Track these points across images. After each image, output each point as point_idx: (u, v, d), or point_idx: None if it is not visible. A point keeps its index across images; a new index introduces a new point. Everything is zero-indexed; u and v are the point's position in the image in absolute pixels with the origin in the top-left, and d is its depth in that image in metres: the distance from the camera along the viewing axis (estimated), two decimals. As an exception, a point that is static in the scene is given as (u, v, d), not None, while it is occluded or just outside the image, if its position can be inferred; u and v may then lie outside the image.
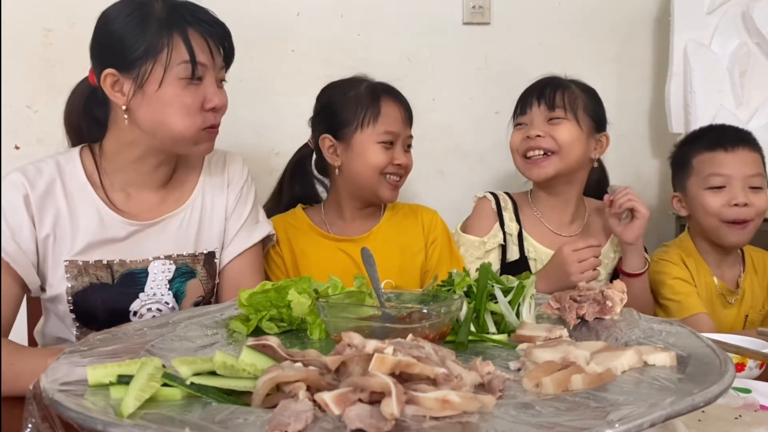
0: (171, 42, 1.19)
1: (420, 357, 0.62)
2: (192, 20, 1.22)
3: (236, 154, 1.48)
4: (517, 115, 1.66)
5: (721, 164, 1.60)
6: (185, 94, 1.20)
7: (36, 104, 1.86)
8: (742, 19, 2.02)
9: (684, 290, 1.61)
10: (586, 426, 0.55)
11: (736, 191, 1.58)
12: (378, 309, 0.93)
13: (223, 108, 1.27)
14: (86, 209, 1.26)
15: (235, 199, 1.40)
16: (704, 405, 0.62)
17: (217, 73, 1.26)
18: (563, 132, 1.59)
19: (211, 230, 1.37)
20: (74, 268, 1.25)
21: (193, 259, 1.33)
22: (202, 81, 1.23)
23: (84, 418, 0.58)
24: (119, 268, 1.27)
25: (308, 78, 1.99)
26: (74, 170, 1.28)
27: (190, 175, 1.38)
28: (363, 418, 0.53)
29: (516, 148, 1.64)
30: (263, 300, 0.99)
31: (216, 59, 1.24)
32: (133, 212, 1.30)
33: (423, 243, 1.62)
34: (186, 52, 1.19)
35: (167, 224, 1.32)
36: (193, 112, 1.22)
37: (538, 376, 0.67)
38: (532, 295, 1.00)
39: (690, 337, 0.84)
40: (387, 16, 2.04)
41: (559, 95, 1.61)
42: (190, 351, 0.86)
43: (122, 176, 1.29)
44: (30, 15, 1.85)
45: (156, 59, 1.19)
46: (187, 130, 1.22)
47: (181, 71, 1.19)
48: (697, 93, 2.00)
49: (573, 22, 2.14)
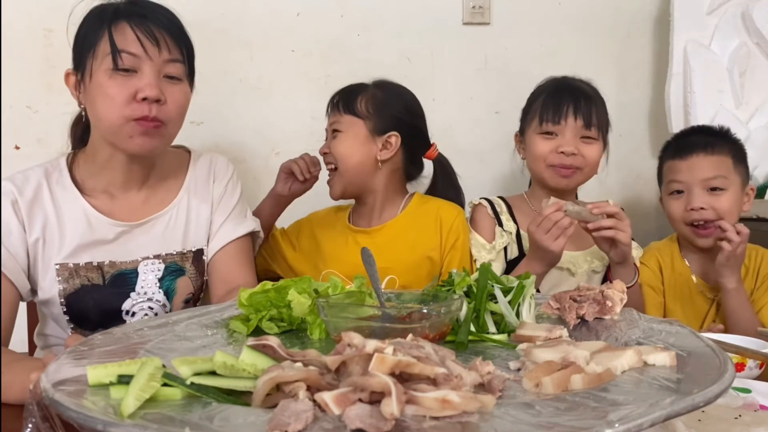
0: (102, 35, 1.22)
1: (420, 357, 0.62)
2: (126, 14, 1.23)
3: (221, 155, 1.50)
4: (546, 120, 1.61)
5: (677, 171, 1.67)
6: (110, 84, 1.21)
7: (36, 104, 1.86)
8: (742, 19, 2.03)
9: (646, 294, 1.69)
10: (586, 426, 0.55)
11: (693, 196, 1.64)
12: (378, 309, 0.93)
13: (161, 99, 1.22)
14: (73, 213, 1.28)
15: (220, 194, 1.42)
16: (704, 405, 0.62)
17: (162, 66, 1.24)
18: (594, 153, 1.62)
19: (198, 228, 1.38)
20: (65, 271, 1.27)
21: (181, 257, 1.35)
22: (137, 73, 1.22)
23: (84, 418, 0.58)
24: (109, 269, 1.29)
25: (308, 78, 2.00)
26: (61, 176, 1.31)
27: (175, 175, 1.39)
28: (363, 418, 0.53)
29: (543, 157, 1.61)
30: (263, 300, 0.99)
31: (154, 51, 1.22)
32: (118, 214, 1.31)
33: (438, 243, 1.61)
34: (110, 43, 1.21)
35: (154, 224, 1.34)
36: (118, 102, 1.21)
37: (538, 376, 0.67)
38: (532, 295, 1.00)
39: (690, 337, 0.84)
40: (387, 16, 2.04)
41: (595, 113, 1.60)
42: (190, 351, 0.86)
43: (102, 178, 1.31)
44: (30, 15, 1.85)
45: (91, 53, 1.23)
46: (113, 121, 1.22)
47: (107, 62, 1.21)
48: (697, 93, 2.00)
49: (573, 22, 2.14)
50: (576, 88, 1.64)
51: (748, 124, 1.99)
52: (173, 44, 1.25)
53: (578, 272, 1.64)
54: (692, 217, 1.64)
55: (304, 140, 1.98)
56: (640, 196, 2.17)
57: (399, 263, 1.55)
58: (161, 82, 1.24)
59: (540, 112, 1.62)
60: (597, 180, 2.09)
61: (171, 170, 1.39)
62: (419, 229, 1.61)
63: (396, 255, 1.56)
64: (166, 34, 1.24)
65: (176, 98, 1.26)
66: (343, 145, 1.59)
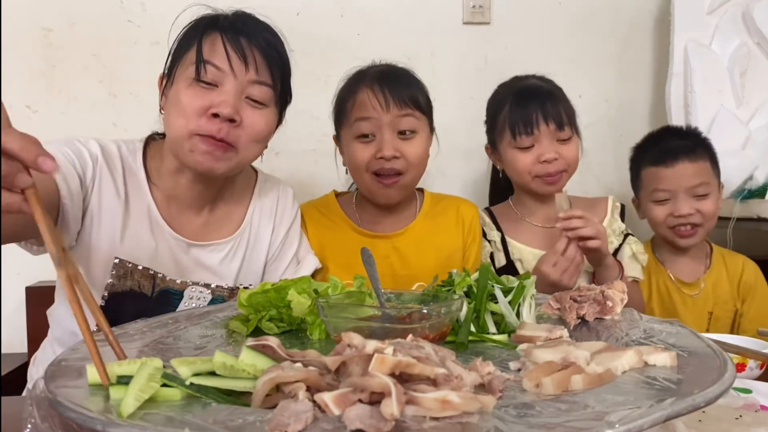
0: (194, 43, 1.18)
1: (420, 357, 0.62)
2: (222, 26, 1.18)
3: (289, 188, 1.44)
4: (519, 133, 1.55)
5: (662, 180, 1.68)
6: (187, 92, 1.17)
7: (36, 104, 1.86)
8: (742, 19, 2.02)
9: None
10: (586, 426, 0.55)
11: (680, 204, 1.67)
12: (378, 309, 0.93)
13: (235, 120, 1.16)
14: (139, 206, 1.24)
15: (281, 241, 1.38)
16: (704, 405, 0.62)
17: (246, 86, 1.18)
18: (573, 151, 1.59)
19: (252, 266, 1.35)
20: (122, 269, 1.22)
21: (230, 292, 1.32)
22: (218, 88, 1.17)
23: (84, 418, 0.58)
24: (160, 282, 1.25)
25: (308, 78, 2.00)
26: (135, 161, 1.26)
27: (239, 200, 1.35)
28: (363, 418, 0.53)
29: (527, 171, 1.57)
30: (263, 300, 0.99)
31: (240, 68, 1.17)
32: (178, 226, 1.27)
33: (461, 242, 1.56)
34: (196, 52, 1.17)
35: (212, 251, 1.30)
36: (189, 113, 1.16)
37: (538, 377, 0.67)
38: (533, 296, 0.99)
39: (690, 338, 0.84)
40: (387, 16, 2.04)
41: (563, 110, 1.56)
42: (190, 351, 0.86)
43: (166, 185, 1.27)
44: (30, 15, 1.85)
45: (180, 59, 1.20)
46: (179, 132, 1.17)
47: (191, 71, 1.17)
48: (697, 93, 2.00)
49: (573, 22, 2.14)
50: (537, 90, 1.58)
51: (749, 124, 1.99)
52: (264, 65, 1.19)
53: None
54: (679, 222, 1.67)
55: (304, 140, 1.98)
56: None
57: (426, 269, 1.47)
58: (241, 103, 1.17)
59: (510, 125, 1.56)
60: (597, 180, 2.10)
61: (237, 193, 1.35)
62: (441, 230, 1.55)
63: (422, 260, 1.49)
64: (258, 53, 1.18)
65: (254, 123, 1.19)
66: (421, 148, 1.44)
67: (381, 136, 1.40)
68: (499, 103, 1.62)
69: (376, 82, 1.41)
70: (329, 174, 1.89)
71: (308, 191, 1.84)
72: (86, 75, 1.89)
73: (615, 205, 1.71)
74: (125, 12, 1.90)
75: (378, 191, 1.44)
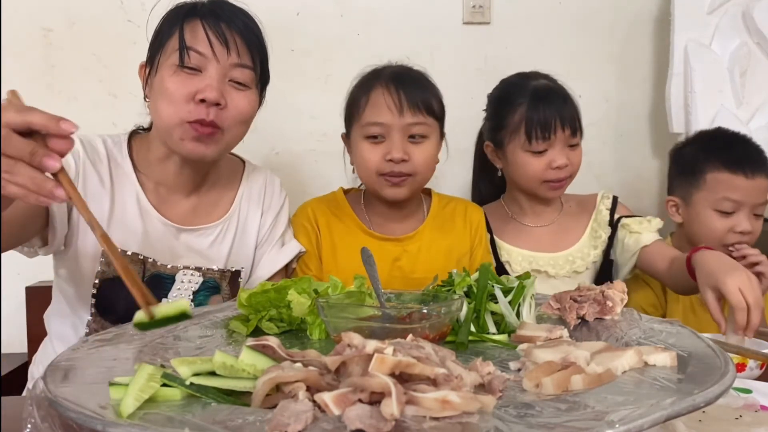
0: (175, 31, 1.20)
1: (420, 357, 0.62)
2: (201, 12, 1.21)
3: (276, 176, 1.48)
4: (536, 138, 1.51)
5: (738, 190, 1.56)
6: (172, 80, 1.19)
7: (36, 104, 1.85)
8: (742, 19, 2.02)
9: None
10: (586, 426, 0.55)
11: (742, 219, 1.56)
12: (378, 309, 0.93)
13: (221, 103, 1.19)
14: (126, 195, 1.26)
15: (270, 224, 1.41)
16: (705, 405, 0.62)
17: (228, 69, 1.21)
18: (580, 157, 1.58)
19: (242, 250, 1.38)
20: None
21: (221, 274, 1.34)
22: (202, 73, 1.20)
23: (84, 418, 0.58)
24: (151, 267, 1.27)
25: (308, 78, 1.99)
26: (121, 152, 1.29)
27: (227, 186, 1.38)
28: (363, 418, 0.53)
29: (538, 176, 1.55)
30: (263, 300, 0.99)
31: (222, 52, 1.20)
32: (167, 212, 1.30)
33: (470, 245, 1.56)
34: (179, 39, 1.19)
35: (202, 235, 1.33)
36: (177, 100, 1.18)
37: (538, 377, 0.67)
38: (533, 296, 1.00)
39: (690, 338, 0.84)
40: (387, 15, 2.04)
41: (576, 115, 1.54)
42: (190, 351, 0.86)
43: (155, 172, 1.30)
44: (30, 15, 1.85)
45: (162, 48, 1.22)
46: (169, 119, 1.19)
47: (174, 58, 1.20)
48: (698, 93, 1.99)
49: (573, 22, 2.14)
50: (554, 95, 1.55)
51: (749, 124, 1.98)
52: (244, 49, 1.22)
53: (559, 274, 1.61)
54: (739, 240, 1.55)
55: (304, 140, 1.98)
56: (640, 196, 2.16)
57: (436, 272, 1.40)
58: (225, 87, 1.21)
59: (526, 128, 1.52)
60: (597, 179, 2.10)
61: (224, 179, 1.37)
62: (450, 233, 1.55)
63: (432, 263, 1.48)
64: (238, 37, 1.21)
65: (238, 105, 1.22)
66: (430, 153, 1.44)
67: (391, 139, 1.41)
68: (510, 102, 1.58)
69: (391, 84, 1.42)
70: (329, 174, 1.89)
71: (308, 191, 1.84)
72: (86, 75, 1.89)
73: (604, 197, 1.69)
74: (125, 12, 1.90)
75: (385, 189, 1.45)
